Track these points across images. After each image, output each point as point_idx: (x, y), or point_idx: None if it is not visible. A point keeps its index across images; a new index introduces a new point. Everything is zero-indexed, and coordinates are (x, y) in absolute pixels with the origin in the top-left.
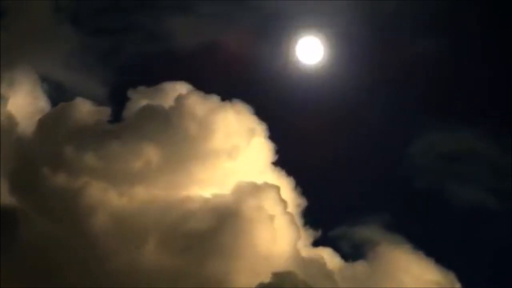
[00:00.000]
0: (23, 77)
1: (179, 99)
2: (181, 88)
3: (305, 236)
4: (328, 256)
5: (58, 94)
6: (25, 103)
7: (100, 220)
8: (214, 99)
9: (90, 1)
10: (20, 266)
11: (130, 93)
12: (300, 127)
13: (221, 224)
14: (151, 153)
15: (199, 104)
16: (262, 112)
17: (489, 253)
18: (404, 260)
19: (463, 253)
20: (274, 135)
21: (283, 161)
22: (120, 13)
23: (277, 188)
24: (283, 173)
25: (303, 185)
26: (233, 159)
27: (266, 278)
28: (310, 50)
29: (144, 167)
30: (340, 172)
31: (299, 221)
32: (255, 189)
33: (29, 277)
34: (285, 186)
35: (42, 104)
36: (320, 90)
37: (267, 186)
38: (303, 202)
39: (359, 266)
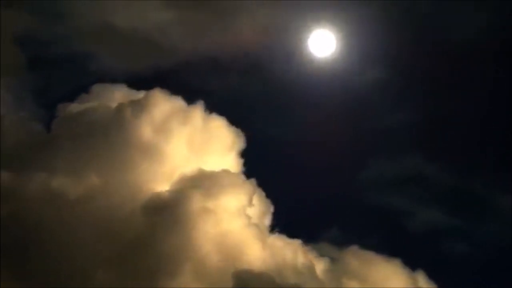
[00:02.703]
0: None
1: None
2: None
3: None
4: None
5: None
6: None
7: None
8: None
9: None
10: None
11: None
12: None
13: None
14: (90, 170)
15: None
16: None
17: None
18: (370, 260)
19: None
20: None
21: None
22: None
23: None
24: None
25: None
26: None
27: (228, 283)
28: (322, 43)
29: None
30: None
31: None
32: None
33: None
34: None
35: None
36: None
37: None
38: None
39: (327, 265)
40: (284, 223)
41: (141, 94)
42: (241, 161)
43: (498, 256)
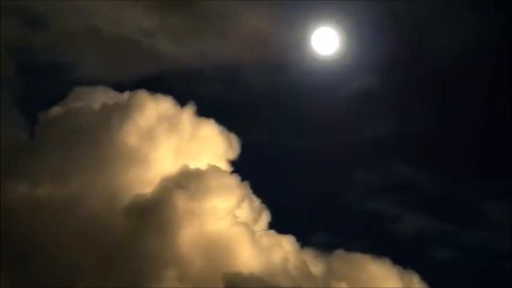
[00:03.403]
0: None
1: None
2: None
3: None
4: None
5: None
6: None
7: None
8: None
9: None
10: None
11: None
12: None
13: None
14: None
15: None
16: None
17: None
18: (358, 262)
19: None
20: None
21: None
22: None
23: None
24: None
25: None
26: None
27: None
28: (325, 41)
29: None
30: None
31: None
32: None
33: None
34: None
35: None
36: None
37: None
38: None
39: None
40: (273, 226)
41: (124, 96)
42: (233, 163)
43: (485, 262)
